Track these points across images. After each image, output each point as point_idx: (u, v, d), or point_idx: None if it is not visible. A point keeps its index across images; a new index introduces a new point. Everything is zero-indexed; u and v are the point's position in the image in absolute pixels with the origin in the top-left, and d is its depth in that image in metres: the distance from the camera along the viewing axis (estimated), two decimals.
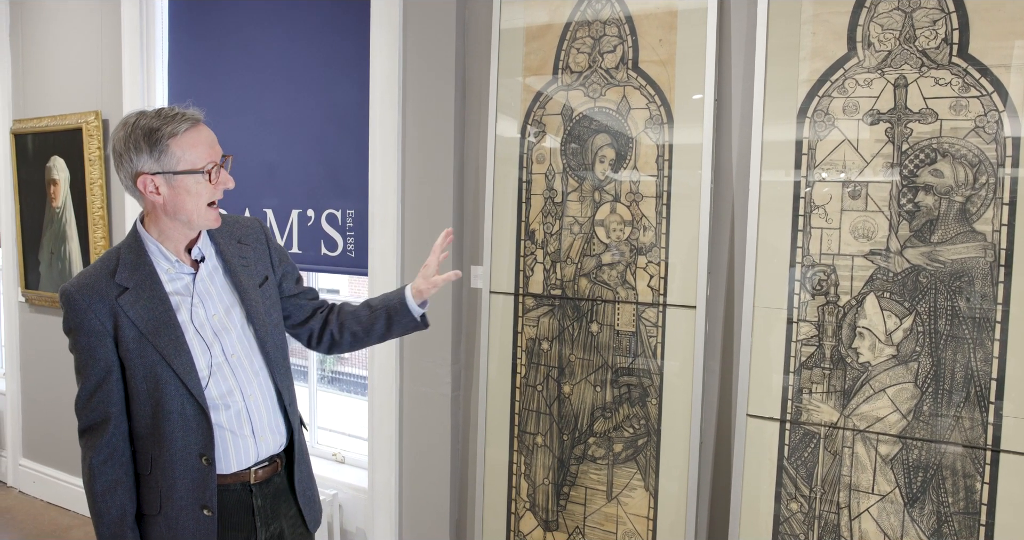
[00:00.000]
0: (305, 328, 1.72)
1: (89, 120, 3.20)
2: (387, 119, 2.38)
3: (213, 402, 1.48)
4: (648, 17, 1.96)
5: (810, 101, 1.75)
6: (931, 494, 1.64)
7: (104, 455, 1.46)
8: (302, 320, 1.72)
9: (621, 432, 2.01)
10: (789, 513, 1.79)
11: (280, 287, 1.68)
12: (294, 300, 1.71)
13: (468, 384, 2.38)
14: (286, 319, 1.70)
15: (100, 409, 1.46)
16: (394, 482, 2.47)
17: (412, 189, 2.38)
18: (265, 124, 2.79)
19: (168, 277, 1.48)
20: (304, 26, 2.66)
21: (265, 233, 1.67)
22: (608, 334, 2.03)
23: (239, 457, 1.51)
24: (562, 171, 2.09)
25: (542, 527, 2.15)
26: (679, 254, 1.92)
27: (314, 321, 1.72)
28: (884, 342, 1.69)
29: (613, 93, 2.01)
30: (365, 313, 1.68)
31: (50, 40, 3.44)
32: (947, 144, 1.62)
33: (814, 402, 1.76)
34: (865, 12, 1.70)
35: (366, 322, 1.67)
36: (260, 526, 1.55)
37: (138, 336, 1.43)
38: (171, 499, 1.48)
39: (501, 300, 2.20)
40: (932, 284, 1.64)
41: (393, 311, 1.65)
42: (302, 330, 1.73)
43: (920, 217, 1.65)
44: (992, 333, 1.58)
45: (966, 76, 1.60)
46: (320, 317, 1.72)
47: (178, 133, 1.40)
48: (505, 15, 2.18)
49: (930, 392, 1.64)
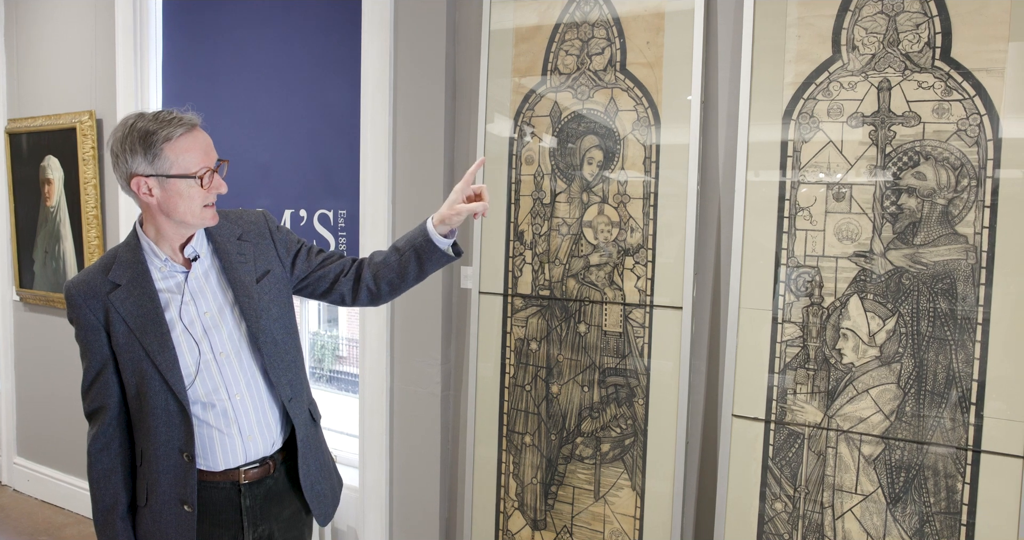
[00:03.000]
0: (335, 292, 1.69)
1: (83, 120, 3.21)
2: (378, 120, 2.39)
3: (199, 399, 1.50)
4: (636, 19, 1.97)
5: (795, 103, 1.77)
6: (913, 494, 1.66)
7: (100, 444, 1.52)
8: (327, 288, 1.69)
9: (608, 432, 2.03)
10: (774, 513, 1.80)
11: (294, 272, 1.66)
12: (315, 273, 1.68)
13: (458, 384, 2.39)
14: (312, 292, 1.69)
15: (99, 399, 1.52)
16: (385, 481, 2.48)
17: (403, 189, 2.40)
18: (258, 124, 2.80)
19: (160, 275, 1.51)
20: (297, 27, 2.67)
21: (268, 225, 1.66)
22: (596, 334, 2.04)
23: (227, 456, 1.53)
24: (551, 172, 2.10)
25: (530, 526, 2.16)
26: (666, 255, 1.93)
27: (341, 284, 1.67)
28: (867, 343, 1.70)
29: (601, 95, 2.02)
30: (395, 258, 1.63)
31: (44, 40, 3.45)
32: (930, 147, 1.63)
33: (798, 403, 1.77)
34: (849, 15, 1.71)
35: (397, 267, 1.63)
36: (248, 526, 1.56)
37: (127, 332, 1.47)
38: (155, 493, 1.51)
39: (490, 300, 2.21)
40: (915, 286, 1.65)
41: (421, 249, 1.59)
42: (332, 295, 1.69)
43: (903, 219, 1.66)
44: (974, 335, 1.60)
45: (949, 79, 1.61)
46: (348, 278, 1.67)
47: (173, 137, 1.42)
48: (495, 17, 2.19)
49: (912, 393, 1.65)
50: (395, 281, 1.64)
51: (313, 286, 1.69)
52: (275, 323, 1.58)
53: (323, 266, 1.69)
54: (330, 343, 9.84)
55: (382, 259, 1.66)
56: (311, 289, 1.70)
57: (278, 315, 1.60)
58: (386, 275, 1.64)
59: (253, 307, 1.55)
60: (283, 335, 1.60)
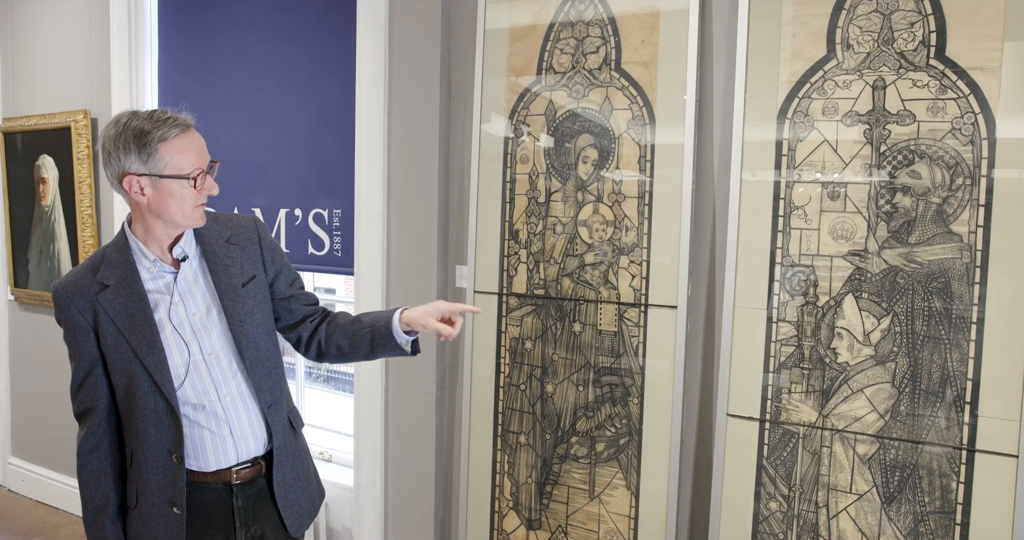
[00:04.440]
0: (293, 333, 1.68)
1: (78, 119, 3.20)
2: (373, 119, 2.39)
3: (189, 400, 1.49)
4: (631, 18, 1.96)
5: (790, 102, 1.76)
6: (908, 493, 1.66)
7: (90, 445, 1.52)
8: (291, 324, 1.67)
9: (603, 431, 2.02)
10: (768, 512, 1.80)
11: (272, 287, 1.64)
12: (285, 303, 1.66)
13: (452, 383, 2.39)
14: (276, 321, 1.67)
15: (88, 400, 1.51)
16: (379, 481, 2.48)
17: (398, 189, 2.39)
18: (253, 123, 2.79)
19: (149, 275, 1.50)
20: (291, 26, 2.67)
21: (258, 232, 1.65)
22: (590, 334, 2.03)
23: (218, 456, 1.52)
24: (545, 171, 2.10)
25: (525, 526, 2.16)
26: (661, 254, 1.93)
27: (303, 328, 1.66)
28: (862, 342, 1.70)
29: (596, 94, 2.01)
30: (353, 329, 1.61)
31: (39, 39, 3.44)
32: (924, 146, 1.63)
33: (793, 402, 1.77)
34: (844, 14, 1.71)
35: (351, 338, 1.60)
36: (240, 527, 1.55)
37: (115, 332, 1.46)
38: (145, 494, 1.50)
39: (485, 300, 2.20)
40: (909, 285, 1.65)
41: (378, 335, 1.57)
42: (290, 335, 1.69)
43: (898, 218, 1.66)
44: (968, 334, 1.60)
45: (943, 78, 1.61)
46: (310, 326, 1.66)
47: (168, 138, 1.41)
48: (490, 16, 2.18)
49: (907, 392, 1.65)
50: (344, 349, 1.62)
51: (279, 314, 1.66)
52: (258, 329, 1.57)
53: (297, 301, 1.67)
54: None
55: (343, 324, 1.63)
56: (276, 316, 1.67)
57: (261, 320, 1.59)
58: (338, 340, 1.62)
59: (238, 311, 1.54)
60: (265, 341, 1.59)
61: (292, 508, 1.62)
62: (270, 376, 1.59)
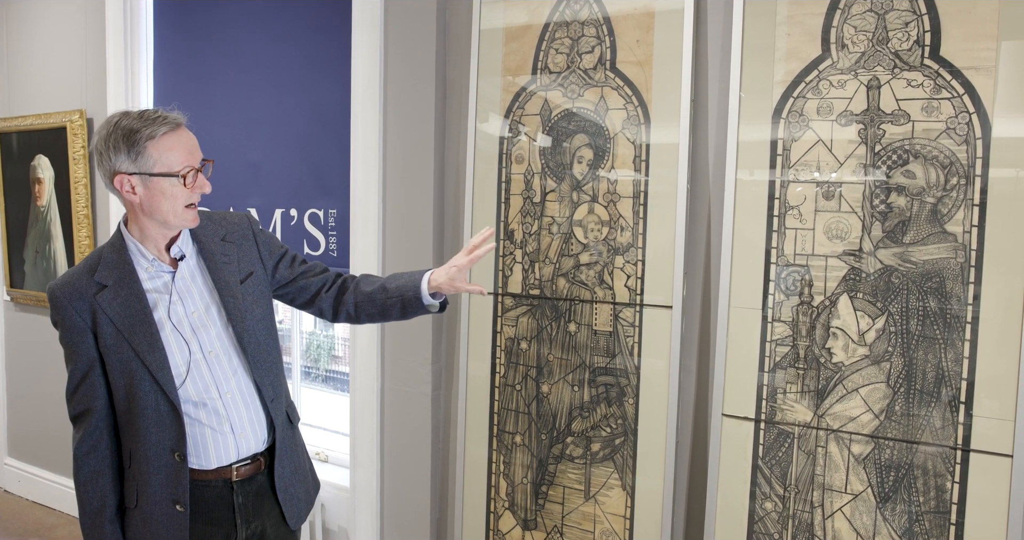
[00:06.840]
0: (314, 307, 1.71)
1: (73, 119, 3.19)
2: (368, 119, 2.38)
3: (191, 399, 1.50)
4: (626, 18, 1.96)
5: (785, 102, 1.76)
6: (903, 493, 1.66)
7: (87, 446, 1.52)
8: (308, 299, 1.71)
9: (599, 431, 2.02)
10: (764, 512, 1.80)
11: (276, 276, 1.67)
12: (295, 283, 1.69)
13: (448, 383, 2.38)
14: (291, 300, 1.71)
15: (85, 401, 1.51)
16: (375, 481, 2.47)
17: (393, 189, 2.39)
18: (249, 123, 2.79)
19: (147, 275, 1.51)
20: (287, 26, 2.66)
21: (252, 227, 1.67)
22: (586, 334, 2.03)
23: (219, 453, 1.52)
24: (541, 171, 2.09)
25: (521, 526, 2.16)
26: (656, 254, 1.93)
27: (321, 299, 1.70)
28: (857, 342, 1.70)
29: (591, 93, 2.01)
30: (380, 298, 1.65)
31: (35, 39, 3.43)
32: (919, 145, 1.63)
33: (788, 402, 1.77)
34: (839, 14, 1.70)
35: (381, 306, 1.65)
36: (241, 523, 1.56)
37: (115, 333, 1.46)
38: (146, 494, 1.50)
39: (480, 300, 2.20)
40: (904, 285, 1.65)
41: (408, 303, 1.63)
42: (312, 308, 1.72)
43: (893, 218, 1.66)
44: (963, 333, 1.59)
45: (938, 78, 1.61)
46: (330, 296, 1.69)
47: (156, 136, 1.42)
48: (485, 15, 2.18)
49: (902, 392, 1.65)
50: (375, 317, 1.69)
51: (293, 295, 1.71)
52: (258, 324, 1.59)
53: (305, 277, 1.70)
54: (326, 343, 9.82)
55: (368, 293, 1.67)
56: (290, 297, 1.71)
57: (261, 316, 1.61)
58: (368, 310, 1.67)
59: (238, 308, 1.55)
60: (265, 337, 1.61)
61: (291, 501, 1.64)
62: (271, 371, 1.61)
